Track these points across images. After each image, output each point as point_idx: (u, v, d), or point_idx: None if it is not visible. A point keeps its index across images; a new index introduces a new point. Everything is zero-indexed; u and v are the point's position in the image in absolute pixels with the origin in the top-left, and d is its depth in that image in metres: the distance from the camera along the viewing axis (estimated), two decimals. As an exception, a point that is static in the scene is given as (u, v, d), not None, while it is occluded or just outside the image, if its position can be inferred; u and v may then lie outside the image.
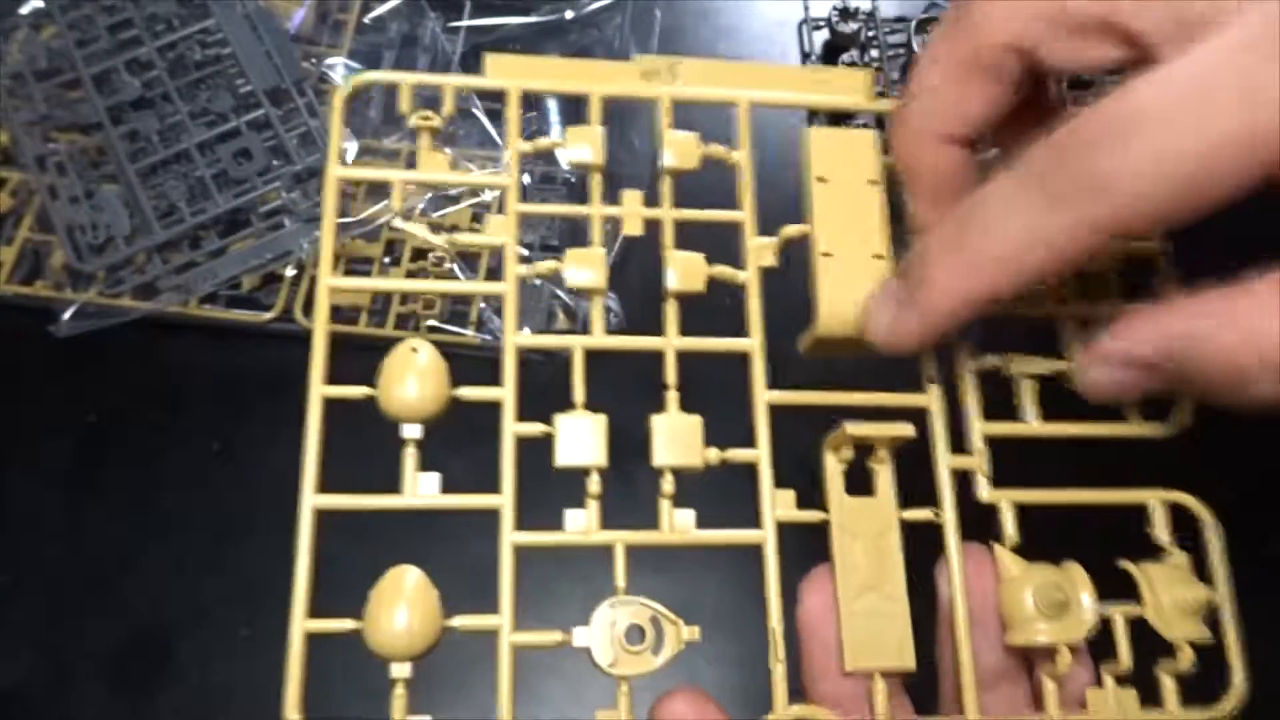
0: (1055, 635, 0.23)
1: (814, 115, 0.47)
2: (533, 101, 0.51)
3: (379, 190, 0.48)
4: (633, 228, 0.26)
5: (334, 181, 0.26)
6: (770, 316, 0.26)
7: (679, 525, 0.24)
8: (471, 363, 0.44)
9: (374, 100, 0.51)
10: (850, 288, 0.25)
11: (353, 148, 0.48)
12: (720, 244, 0.27)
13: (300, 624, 0.22)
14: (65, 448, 0.45)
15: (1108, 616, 0.24)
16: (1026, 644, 0.24)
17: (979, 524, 0.25)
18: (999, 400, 0.26)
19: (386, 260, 0.48)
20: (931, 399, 0.26)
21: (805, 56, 0.54)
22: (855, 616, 0.24)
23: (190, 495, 0.44)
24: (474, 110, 0.50)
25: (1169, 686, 0.25)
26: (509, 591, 0.23)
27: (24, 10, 0.50)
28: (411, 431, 0.24)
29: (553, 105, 0.51)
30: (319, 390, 0.23)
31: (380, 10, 0.53)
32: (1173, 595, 0.25)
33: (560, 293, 0.48)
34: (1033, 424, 0.26)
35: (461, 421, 0.24)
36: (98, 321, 0.45)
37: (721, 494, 0.24)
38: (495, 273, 0.49)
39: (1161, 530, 0.26)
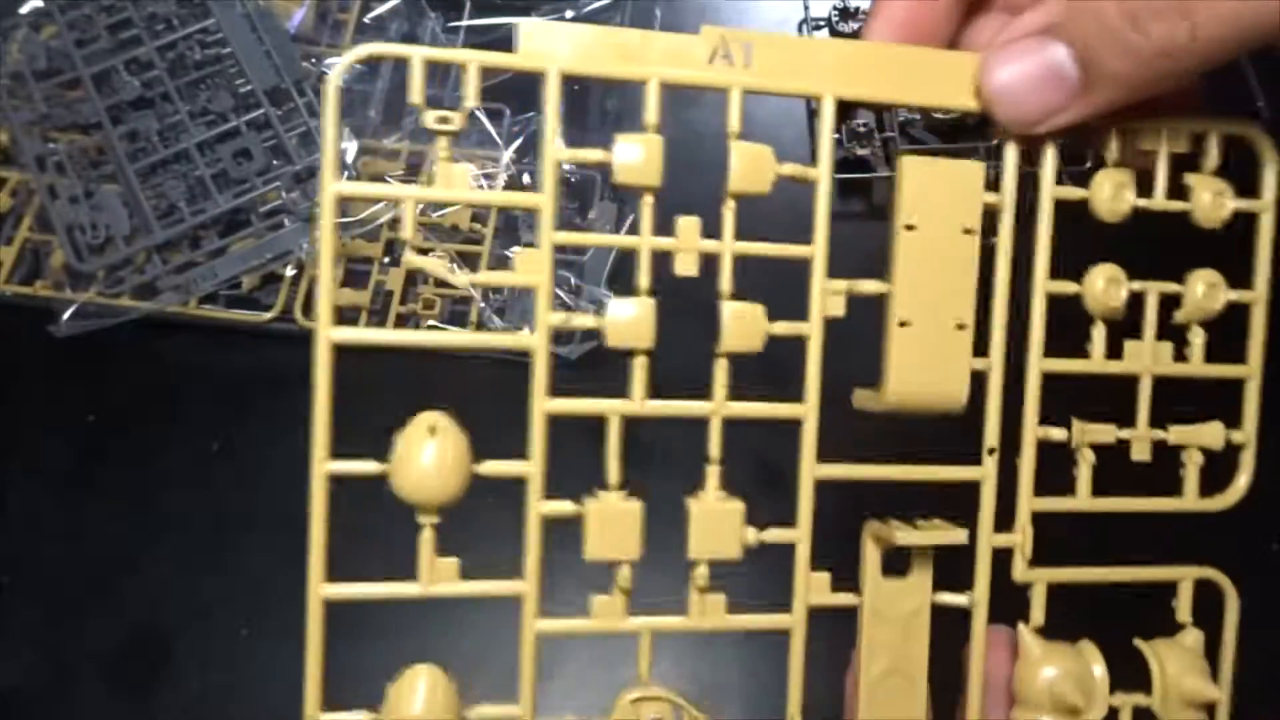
0: None
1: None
2: (528, 103, 0.51)
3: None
4: (687, 267, 0.22)
5: (330, 197, 0.21)
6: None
7: (709, 608, 0.23)
8: (472, 364, 0.44)
9: (374, 100, 0.51)
10: (926, 363, 0.23)
11: (352, 147, 0.48)
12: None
13: (322, 468, 0.21)
14: (65, 448, 0.45)
15: (1116, 707, 0.25)
16: None
17: (1008, 598, 0.25)
18: (1049, 468, 0.25)
19: (386, 260, 0.48)
20: (987, 473, 0.24)
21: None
22: (876, 699, 0.24)
23: (190, 495, 0.44)
24: (474, 110, 0.50)
25: None
26: (529, 683, 0.22)
27: (24, 10, 0.50)
28: (429, 519, 0.22)
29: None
30: (323, 467, 0.22)
31: (380, 10, 0.53)
32: (1181, 688, 0.25)
33: (559, 293, 0.48)
34: (1084, 500, 0.25)
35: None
36: (98, 321, 0.45)
37: (751, 564, 0.23)
38: (495, 270, 0.49)
39: (1184, 608, 0.26)
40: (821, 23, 0.54)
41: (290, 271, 0.47)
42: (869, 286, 0.23)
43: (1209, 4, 0.20)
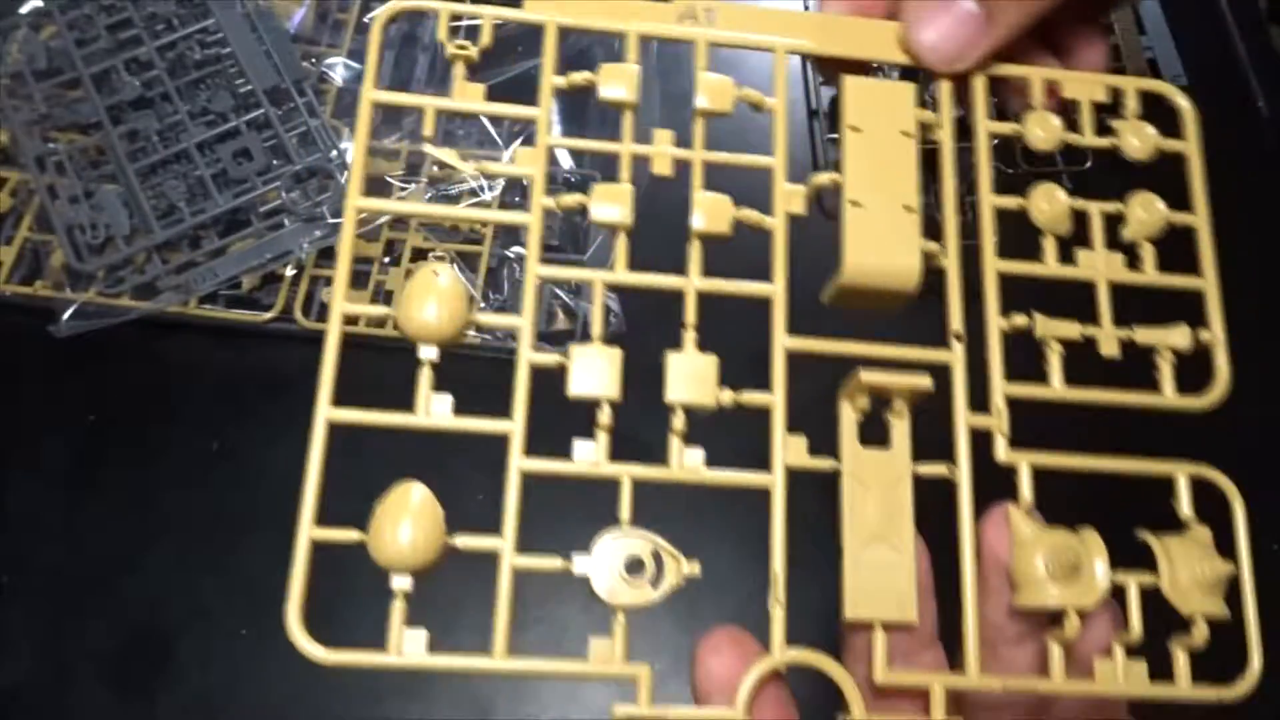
0: (1064, 599, 0.23)
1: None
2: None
3: (380, 188, 0.48)
4: (662, 167, 0.26)
5: (368, 104, 0.27)
6: (795, 265, 0.25)
7: (688, 464, 0.24)
8: (472, 363, 0.44)
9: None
10: (878, 238, 0.25)
11: (352, 148, 0.48)
12: (749, 195, 0.26)
13: (307, 531, 0.22)
14: (65, 448, 0.45)
15: (1121, 584, 0.24)
16: (1034, 606, 0.23)
17: (995, 486, 0.24)
18: (1023, 365, 0.26)
19: (386, 260, 0.48)
20: (955, 356, 0.25)
21: (804, 56, 0.54)
22: (860, 566, 0.24)
23: (190, 495, 0.44)
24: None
25: (1181, 662, 0.24)
26: (513, 515, 0.23)
27: (24, 10, 0.50)
28: (428, 353, 0.24)
29: (556, 128, 0.51)
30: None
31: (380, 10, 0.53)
32: (1191, 569, 0.24)
33: (560, 292, 0.48)
34: (1057, 388, 0.25)
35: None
36: (98, 321, 0.45)
37: (732, 447, 0.24)
38: (495, 272, 0.49)
39: (1185, 504, 0.25)
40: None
41: (290, 271, 0.47)
42: (823, 178, 0.26)
43: None
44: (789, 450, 0.24)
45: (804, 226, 0.26)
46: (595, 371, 0.24)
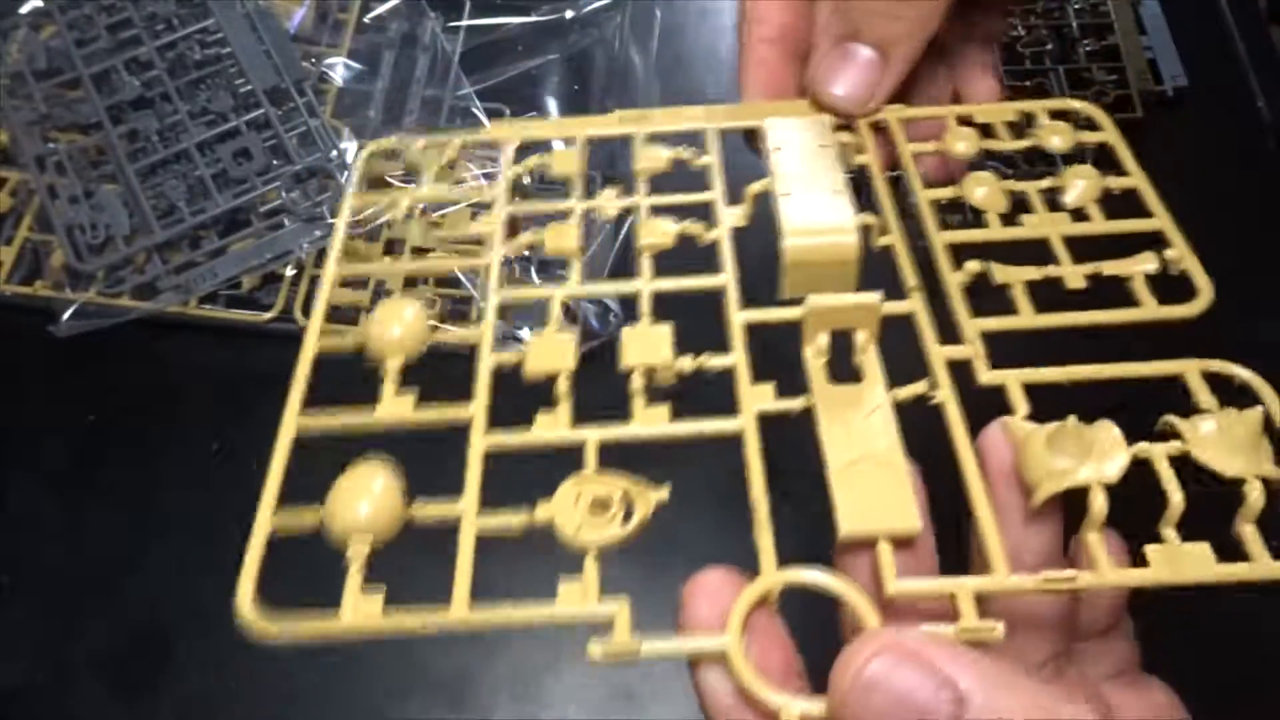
0: (1086, 476, 0.20)
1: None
2: (531, 101, 0.51)
3: (380, 188, 0.48)
4: (610, 210, 0.29)
5: (342, 232, 0.29)
6: (747, 268, 0.26)
7: (652, 416, 0.23)
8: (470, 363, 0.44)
9: (374, 100, 0.51)
10: (811, 214, 0.26)
11: (352, 147, 0.48)
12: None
13: (267, 515, 0.22)
14: (65, 448, 0.45)
15: (1144, 458, 0.20)
16: (1054, 490, 0.20)
17: (981, 417, 0.22)
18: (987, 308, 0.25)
19: (386, 260, 0.48)
20: (915, 304, 0.25)
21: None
22: (849, 480, 0.21)
23: (190, 495, 0.44)
24: (474, 110, 0.50)
25: (1249, 535, 0.20)
26: (474, 487, 0.22)
27: (24, 10, 0.50)
28: (394, 363, 0.25)
29: (552, 103, 0.51)
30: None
31: (380, 10, 0.53)
32: (1222, 431, 0.21)
33: (560, 292, 0.48)
34: (1027, 317, 0.24)
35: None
36: (98, 321, 0.45)
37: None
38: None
39: (1204, 396, 0.22)
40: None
41: (290, 271, 0.47)
42: (757, 186, 0.28)
43: None
44: (756, 398, 0.23)
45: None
46: (550, 352, 0.24)
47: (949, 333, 0.24)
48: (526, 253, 0.31)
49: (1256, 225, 0.54)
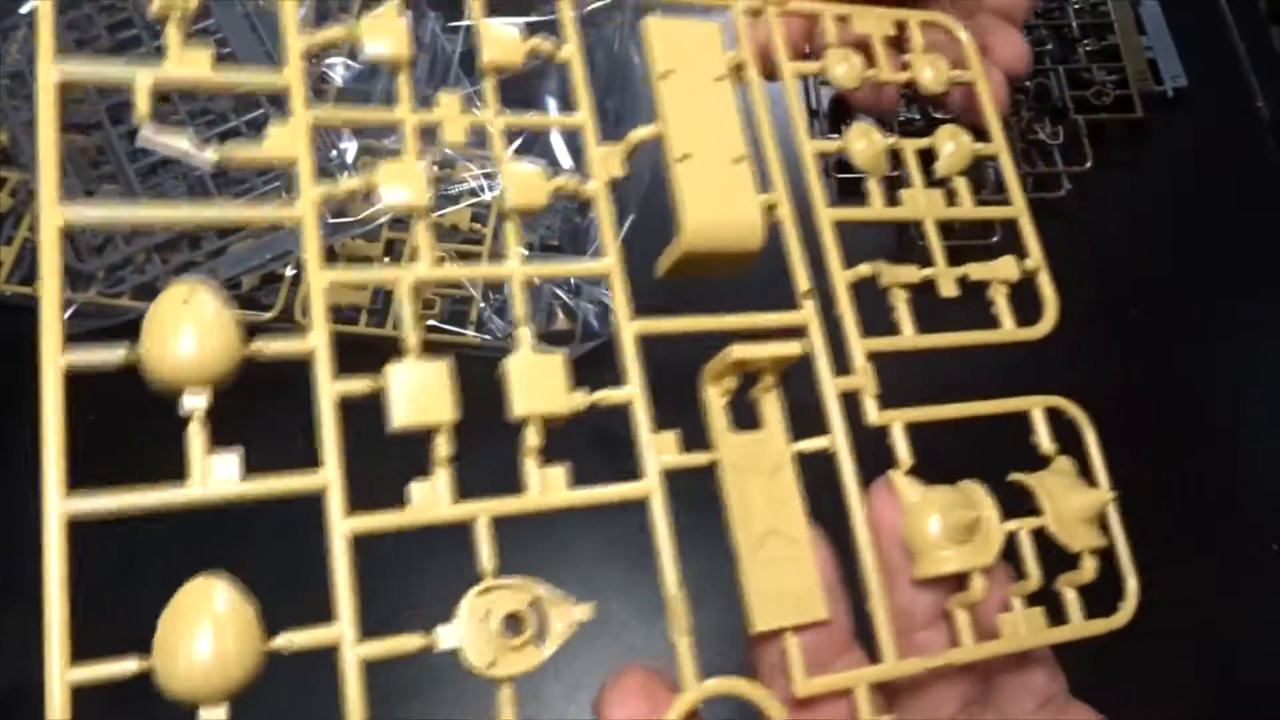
0: (965, 561, 0.22)
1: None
2: (530, 100, 0.51)
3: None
4: (453, 134, 0.23)
5: (50, 88, 0.20)
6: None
7: (550, 485, 0.20)
8: (472, 362, 0.44)
9: (374, 100, 0.51)
10: (714, 192, 0.23)
11: (352, 147, 0.48)
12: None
13: (60, 676, 0.17)
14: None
15: (1013, 533, 0.23)
16: (935, 573, 0.22)
17: (874, 444, 0.24)
18: (867, 325, 0.25)
19: (386, 260, 0.48)
20: (809, 315, 0.24)
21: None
22: (759, 566, 0.22)
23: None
24: (473, 110, 0.50)
25: (1072, 599, 0.24)
26: (346, 592, 0.18)
27: (24, 10, 0.50)
28: (194, 401, 0.19)
29: (552, 102, 0.51)
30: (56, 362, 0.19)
31: (380, 10, 0.53)
32: (1070, 503, 0.24)
33: (559, 292, 0.48)
34: (911, 336, 0.25)
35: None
36: (98, 321, 0.45)
37: (593, 446, 0.22)
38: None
39: (1044, 437, 0.25)
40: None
41: (290, 271, 0.47)
42: (642, 132, 0.24)
43: None
44: (660, 450, 0.22)
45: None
46: (422, 392, 0.20)
47: (835, 331, 0.25)
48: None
49: (1256, 225, 0.54)
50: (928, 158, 0.28)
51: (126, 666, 0.18)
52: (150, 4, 0.21)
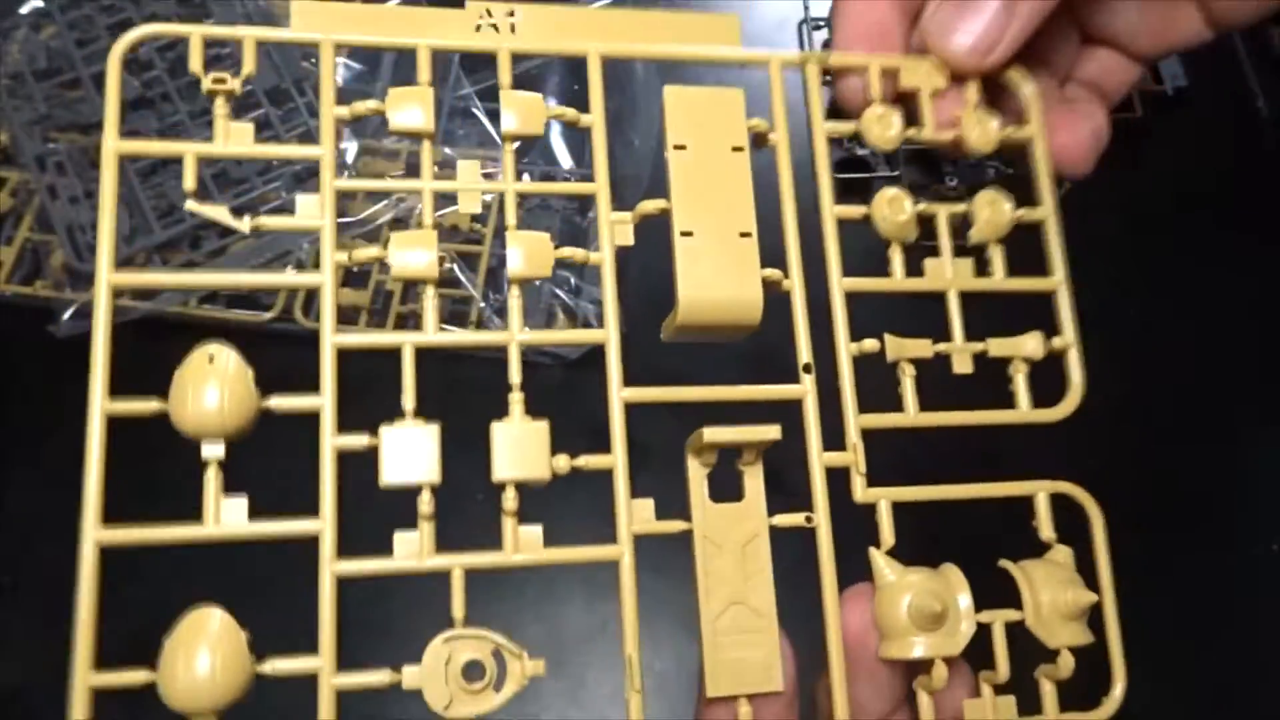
0: (930, 649, 0.22)
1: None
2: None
3: (379, 191, 0.48)
4: (469, 204, 0.24)
5: (112, 155, 0.23)
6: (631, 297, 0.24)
7: (525, 543, 0.22)
8: (472, 362, 0.44)
9: (374, 99, 0.51)
10: (713, 271, 0.23)
11: (352, 148, 0.48)
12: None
13: (84, 678, 0.20)
14: (65, 448, 0.45)
15: (986, 624, 0.23)
16: (900, 657, 0.22)
17: (853, 523, 0.24)
18: (873, 389, 0.25)
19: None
20: (806, 390, 0.24)
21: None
22: (719, 635, 0.22)
23: (190, 496, 0.44)
24: (474, 110, 0.50)
25: (1048, 691, 0.24)
26: (330, 628, 0.21)
27: (24, 10, 0.50)
28: (213, 451, 0.21)
29: (556, 127, 0.51)
30: (101, 406, 0.23)
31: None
32: (1054, 598, 0.23)
33: (559, 292, 0.48)
34: (912, 414, 0.25)
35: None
36: (98, 321, 0.45)
37: (573, 501, 0.22)
38: (495, 273, 0.49)
39: (1045, 524, 0.24)
40: (822, 23, 0.54)
41: (290, 271, 0.47)
42: (650, 205, 0.24)
43: None
44: (635, 517, 0.22)
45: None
46: (411, 454, 0.21)
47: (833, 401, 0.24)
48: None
49: (1256, 225, 0.54)
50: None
51: (138, 676, 0.20)
52: (202, 83, 0.23)
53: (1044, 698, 0.24)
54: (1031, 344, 0.25)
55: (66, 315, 0.45)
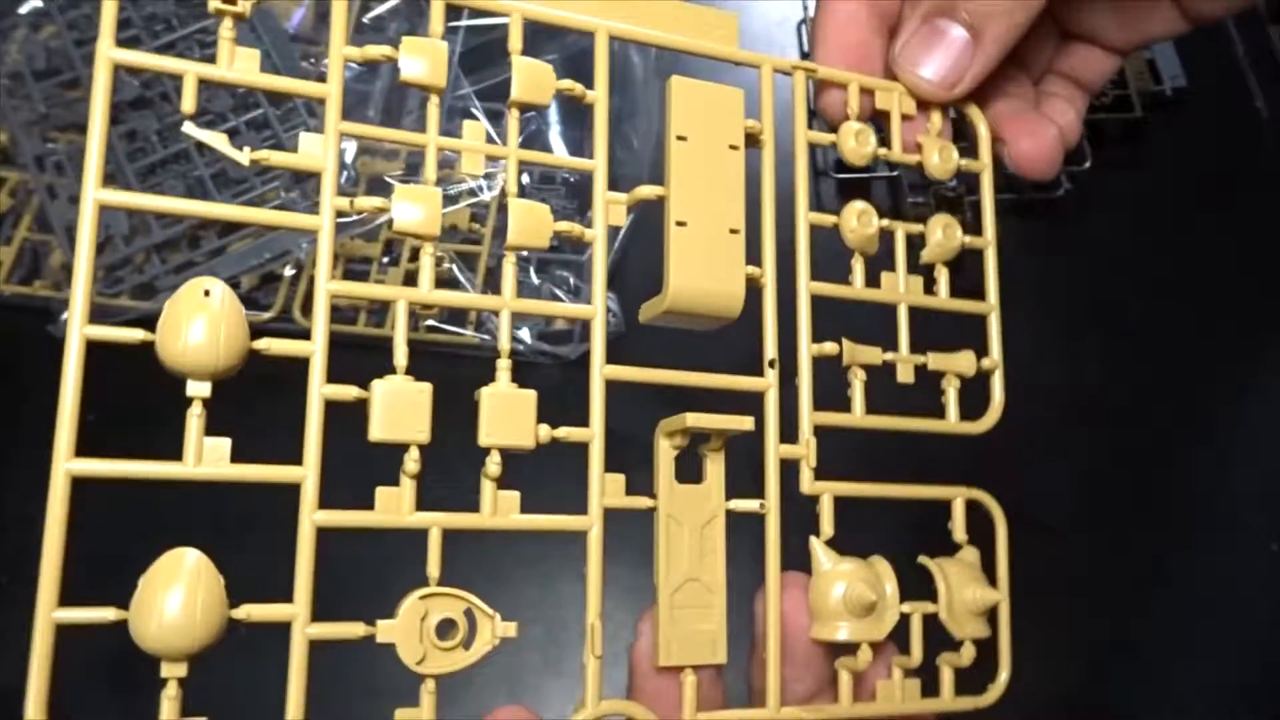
0: (857, 634, 0.25)
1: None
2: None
3: (380, 188, 0.48)
4: (472, 165, 0.24)
5: (106, 62, 0.22)
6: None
7: (502, 508, 0.22)
8: (472, 362, 0.44)
9: (373, 100, 0.51)
10: (703, 260, 0.24)
11: (351, 147, 0.48)
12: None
13: (48, 614, 0.19)
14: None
15: (906, 614, 0.26)
16: (830, 640, 0.25)
17: (806, 511, 0.26)
18: (828, 391, 0.27)
19: (385, 260, 0.48)
20: (770, 384, 0.26)
21: (805, 56, 0.54)
22: (674, 609, 0.24)
23: (190, 495, 0.44)
24: (473, 110, 0.50)
25: (948, 677, 0.27)
26: (306, 577, 0.20)
27: (23, 10, 0.50)
28: (199, 389, 0.21)
29: (553, 107, 0.51)
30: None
31: (379, 10, 0.53)
32: (964, 596, 0.26)
33: (559, 292, 0.48)
34: (859, 415, 0.27)
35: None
36: (98, 321, 0.45)
37: (551, 475, 0.23)
38: (494, 272, 0.49)
39: (959, 527, 0.27)
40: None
41: (290, 271, 0.47)
42: (647, 191, 0.24)
43: None
44: (607, 491, 0.24)
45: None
46: (401, 411, 0.21)
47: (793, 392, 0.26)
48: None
49: (1255, 225, 0.54)
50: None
51: (106, 614, 0.20)
52: (209, 2, 0.22)
53: (943, 682, 0.26)
54: (964, 361, 0.28)
55: (66, 315, 0.45)
